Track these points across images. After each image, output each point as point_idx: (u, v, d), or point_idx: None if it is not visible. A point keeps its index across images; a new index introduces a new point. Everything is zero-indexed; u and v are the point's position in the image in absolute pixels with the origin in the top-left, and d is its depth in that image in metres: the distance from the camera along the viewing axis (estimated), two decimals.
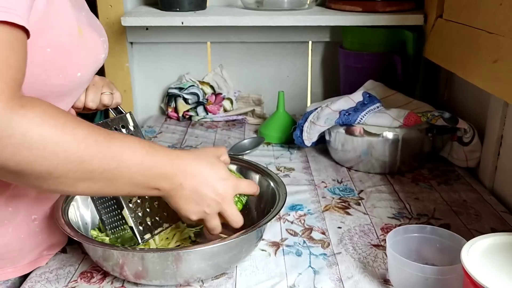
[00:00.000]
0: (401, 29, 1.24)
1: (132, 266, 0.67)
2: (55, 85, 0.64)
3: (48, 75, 0.63)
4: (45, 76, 0.63)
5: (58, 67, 0.64)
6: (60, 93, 0.67)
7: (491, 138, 1.00)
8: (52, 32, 0.62)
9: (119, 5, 1.37)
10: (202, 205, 0.66)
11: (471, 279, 0.55)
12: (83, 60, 0.67)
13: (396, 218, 0.89)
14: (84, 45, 0.67)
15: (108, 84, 0.82)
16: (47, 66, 0.63)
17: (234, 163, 0.91)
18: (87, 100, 0.77)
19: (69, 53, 0.65)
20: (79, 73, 0.67)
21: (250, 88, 1.51)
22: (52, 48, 0.62)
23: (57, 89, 0.65)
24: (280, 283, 0.71)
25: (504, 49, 0.79)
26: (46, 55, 0.62)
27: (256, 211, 0.86)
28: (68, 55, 0.65)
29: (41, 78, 0.62)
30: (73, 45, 0.65)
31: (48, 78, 0.63)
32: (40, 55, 0.61)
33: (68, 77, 0.66)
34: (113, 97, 0.80)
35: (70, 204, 0.76)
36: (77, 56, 0.66)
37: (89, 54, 0.69)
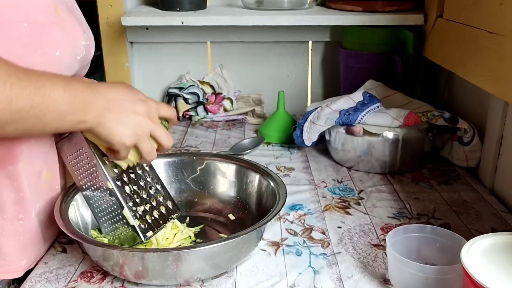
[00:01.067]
0: (401, 29, 1.24)
1: (132, 266, 0.67)
2: (33, 63, 0.63)
3: (25, 51, 0.63)
4: (22, 52, 0.63)
5: (36, 43, 0.64)
6: None
7: (491, 138, 1.00)
8: (27, 6, 0.63)
9: (119, 5, 1.37)
10: (132, 126, 0.67)
11: (471, 279, 0.55)
12: (60, 39, 0.67)
13: (396, 218, 0.89)
14: (61, 24, 0.68)
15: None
16: (24, 41, 0.63)
17: (234, 163, 0.91)
18: None
19: (46, 30, 0.65)
20: (57, 51, 0.67)
21: (250, 88, 1.51)
22: (29, 23, 0.63)
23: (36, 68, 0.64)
24: (280, 282, 0.71)
25: (504, 48, 0.79)
26: (22, 30, 0.62)
27: (256, 211, 0.86)
28: (44, 31, 0.65)
29: (18, 54, 0.62)
30: (49, 22, 0.66)
31: (26, 53, 0.63)
32: (17, 29, 0.61)
33: (46, 55, 0.65)
34: None
35: (70, 204, 0.76)
36: (54, 33, 0.66)
37: (66, 35, 0.69)
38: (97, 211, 0.76)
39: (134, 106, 0.68)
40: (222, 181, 0.91)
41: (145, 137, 0.69)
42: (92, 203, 0.76)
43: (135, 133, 0.68)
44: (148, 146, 0.70)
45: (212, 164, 0.92)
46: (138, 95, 0.70)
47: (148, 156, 0.71)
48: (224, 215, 0.89)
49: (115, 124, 0.66)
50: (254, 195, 0.87)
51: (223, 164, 0.92)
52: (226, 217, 0.88)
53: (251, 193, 0.88)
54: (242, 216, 0.87)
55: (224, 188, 0.91)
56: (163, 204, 0.79)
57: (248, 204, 0.88)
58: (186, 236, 0.81)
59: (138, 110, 0.68)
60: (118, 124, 0.66)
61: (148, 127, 0.69)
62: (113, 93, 0.67)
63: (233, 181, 0.91)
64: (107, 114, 0.65)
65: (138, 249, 0.70)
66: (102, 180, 0.73)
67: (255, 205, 0.87)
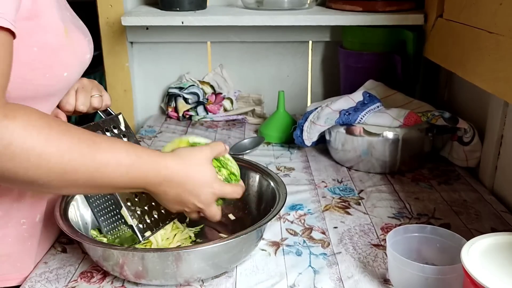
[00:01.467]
0: (401, 28, 1.24)
1: (132, 266, 0.67)
2: (42, 85, 0.64)
3: (35, 75, 0.63)
4: (31, 76, 0.63)
5: (45, 67, 0.64)
6: (47, 92, 0.67)
7: (491, 138, 1.00)
8: (39, 31, 0.62)
9: (119, 4, 1.37)
10: (183, 207, 0.69)
11: (471, 279, 0.55)
12: (69, 60, 0.67)
13: (396, 217, 0.89)
14: (70, 45, 0.67)
15: (97, 86, 0.81)
16: (34, 66, 0.62)
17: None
18: (78, 103, 0.76)
19: (56, 53, 0.65)
20: (65, 73, 0.67)
21: (250, 87, 1.51)
22: (39, 48, 0.62)
23: (43, 89, 0.65)
24: (280, 282, 0.71)
25: (504, 48, 0.79)
26: (32, 55, 0.62)
27: (256, 211, 0.86)
28: (54, 54, 0.65)
29: (27, 78, 0.62)
30: (59, 45, 0.65)
31: (35, 77, 0.63)
32: (27, 55, 0.61)
33: (55, 77, 0.66)
34: (103, 99, 0.80)
35: (70, 204, 0.76)
36: (63, 56, 0.66)
37: (75, 54, 0.69)
38: (96, 210, 0.76)
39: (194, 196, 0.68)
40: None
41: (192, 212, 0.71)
42: (92, 202, 0.76)
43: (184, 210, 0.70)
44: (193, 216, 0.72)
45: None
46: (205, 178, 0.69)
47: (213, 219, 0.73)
48: (224, 215, 0.88)
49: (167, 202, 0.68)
50: (254, 195, 0.87)
51: None
52: (226, 217, 0.88)
53: (251, 193, 0.88)
54: (242, 216, 0.87)
55: None
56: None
57: (248, 204, 0.87)
58: (186, 236, 0.81)
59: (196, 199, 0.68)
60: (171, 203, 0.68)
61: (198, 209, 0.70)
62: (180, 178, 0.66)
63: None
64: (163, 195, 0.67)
65: (138, 249, 0.70)
66: None
67: (255, 205, 0.86)
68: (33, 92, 0.64)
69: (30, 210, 0.73)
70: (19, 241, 0.72)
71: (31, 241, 0.74)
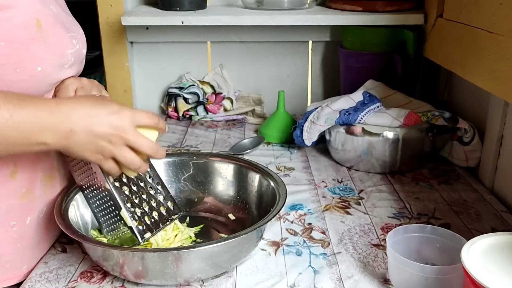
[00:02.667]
0: (401, 28, 1.24)
1: (132, 265, 0.67)
2: (13, 81, 0.62)
3: (4, 70, 0.62)
4: (1, 71, 0.61)
5: (14, 61, 0.62)
6: (21, 89, 0.64)
7: (491, 138, 1.00)
8: (4, 25, 0.61)
9: (119, 4, 1.37)
10: (101, 144, 0.64)
11: (471, 279, 0.55)
12: (42, 54, 0.65)
13: (396, 217, 0.89)
14: (43, 38, 0.65)
15: (97, 86, 0.80)
16: (2, 61, 0.61)
17: (234, 163, 0.91)
18: None
19: (25, 47, 0.63)
20: (39, 67, 0.65)
21: (250, 87, 1.51)
22: (6, 42, 0.61)
23: (16, 85, 0.63)
24: (280, 282, 0.71)
25: (504, 48, 0.79)
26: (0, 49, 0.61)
27: (256, 211, 0.86)
28: (24, 48, 0.63)
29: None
30: (29, 39, 0.63)
31: (5, 73, 0.62)
32: None
33: (27, 72, 0.64)
34: None
35: (70, 204, 0.76)
36: (35, 49, 0.64)
37: (49, 48, 0.66)
38: (97, 211, 0.76)
39: (105, 122, 0.63)
40: (222, 181, 0.91)
41: (119, 150, 0.65)
42: (92, 203, 0.76)
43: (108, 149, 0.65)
44: (127, 156, 0.66)
45: (212, 164, 0.92)
46: (109, 107, 0.65)
47: (131, 167, 0.67)
48: (224, 215, 0.89)
49: (82, 147, 0.63)
50: (254, 195, 0.87)
51: (223, 164, 0.92)
52: (226, 217, 0.88)
53: (251, 193, 0.88)
54: (242, 216, 0.87)
55: (224, 188, 0.91)
56: (163, 205, 0.79)
57: (248, 204, 0.88)
58: (186, 237, 0.81)
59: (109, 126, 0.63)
60: (87, 145, 0.63)
61: (121, 140, 0.65)
62: (79, 110, 0.63)
63: (233, 181, 0.91)
64: (71, 136, 0.62)
65: (138, 249, 0.70)
66: (101, 181, 0.73)
67: (255, 205, 0.87)
68: (6, 88, 0.61)
69: (20, 213, 0.72)
70: (9, 242, 0.72)
71: (21, 242, 0.73)
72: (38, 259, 0.77)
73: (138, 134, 0.66)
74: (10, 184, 0.70)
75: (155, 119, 0.69)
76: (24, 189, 0.72)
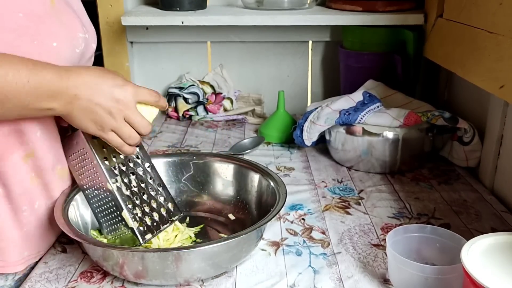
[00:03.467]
0: (401, 28, 1.24)
1: (132, 265, 0.67)
2: (30, 53, 0.63)
3: (22, 41, 0.63)
4: (18, 42, 0.62)
5: (32, 33, 0.63)
6: None
7: (491, 138, 1.00)
8: None
9: (119, 4, 1.37)
10: (103, 114, 0.66)
11: (471, 279, 0.55)
12: (57, 30, 0.67)
13: (396, 217, 0.89)
14: (57, 15, 0.67)
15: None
16: (20, 31, 0.62)
17: (234, 163, 0.91)
18: None
19: (42, 20, 0.65)
20: (54, 42, 0.66)
21: (250, 87, 1.51)
22: (24, 14, 0.62)
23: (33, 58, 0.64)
24: (280, 282, 0.71)
25: (504, 48, 0.79)
26: (18, 20, 0.62)
27: (256, 211, 0.86)
28: (40, 21, 0.64)
29: (14, 44, 0.62)
30: (45, 13, 0.65)
31: (22, 44, 0.63)
32: (12, 20, 0.61)
33: (43, 45, 0.65)
34: None
35: (70, 204, 0.76)
36: (50, 24, 0.66)
37: (63, 26, 0.68)
38: (97, 211, 0.76)
39: (108, 93, 0.66)
40: (222, 181, 0.91)
41: (119, 123, 0.67)
42: (93, 203, 0.76)
43: (108, 120, 0.66)
44: (126, 131, 0.68)
45: (212, 164, 0.92)
46: (114, 80, 0.67)
47: (129, 141, 0.69)
48: (224, 215, 0.89)
49: (84, 113, 0.65)
50: (254, 195, 0.87)
51: (223, 164, 0.92)
52: (226, 217, 0.88)
53: (251, 193, 0.88)
54: (242, 216, 0.87)
55: (224, 188, 0.91)
56: (163, 206, 0.79)
57: (248, 204, 0.88)
58: (186, 237, 0.81)
59: (112, 97, 0.66)
60: (88, 113, 0.65)
61: (121, 113, 0.67)
62: (85, 78, 0.65)
63: (233, 181, 0.91)
64: (76, 102, 0.64)
65: (138, 249, 0.70)
66: (102, 181, 0.73)
67: (255, 205, 0.87)
68: None
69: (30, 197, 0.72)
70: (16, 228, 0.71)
71: (27, 227, 0.73)
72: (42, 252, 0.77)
73: (137, 112, 0.69)
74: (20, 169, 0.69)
75: (156, 96, 0.72)
76: (34, 173, 0.71)
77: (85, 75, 0.65)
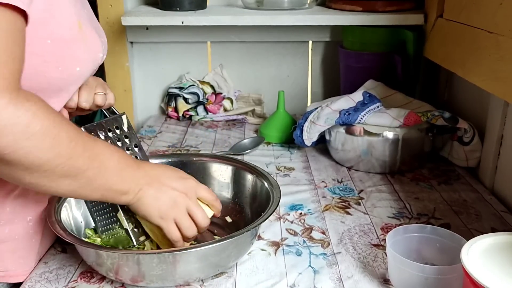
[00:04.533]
0: (401, 28, 1.24)
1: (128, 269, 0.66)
2: (54, 78, 0.64)
3: (47, 67, 0.63)
4: (44, 68, 0.63)
5: (58, 59, 0.64)
6: (58, 86, 0.67)
7: (491, 138, 1.00)
8: (53, 23, 0.62)
9: (119, 4, 1.37)
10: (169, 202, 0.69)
11: (471, 279, 0.55)
12: (82, 55, 0.68)
13: (396, 217, 0.89)
14: (83, 40, 0.67)
15: (102, 85, 0.81)
16: (46, 58, 0.63)
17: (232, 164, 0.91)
18: (80, 100, 0.75)
19: (69, 46, 0.65)
20: (78, 67, 0.67)
21: (250, 87, 1.51)
22: (53, 40, 0.63)
23: (55, 82, 0.66)
24: (280, 282, 0.71)
25: (504, 48, 0.79)
26: (46, 47, 0.62)
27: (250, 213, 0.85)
28: (67, 48, 0.65)
29: (40, 70, 0.62)
30: (72, 39, 0.65)
31: (47, 70, 0.63)
32: (40, 46, 0.61)
33: (67, 70, 0.66)
34: (106, 97, 0.79)
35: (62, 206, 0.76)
36: (76, 50, 0.66)
37: (87, 50, 0.69)
38: (93, 210, 0.76)
39: (173, 182, 0.70)
40: (220, 182, 0.91)
41: (182, 213, 0.70)
42: (89, 202, 0.76)
43: (172, 208, 0.69)
44: (186, 222, 0.70)
45: (210, 165, 0.91)
46: (179, 173, 0.72)
47: (187, 232, 0.70)
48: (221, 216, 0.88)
49: (153, 199, 0.68)
50: (249, 198, 0.87)
51: (221, 165, 0.91)
52: (223, 219, 0.87)
53: (246, 195, 0.87)
54: (239, 218, 0.86)
55: (222, 190, 0.90)
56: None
57: (244, 206, 0.87)
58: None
59: (177, 187, 0.70)
60: (156, 199, 0.68)
61: (184, 203, 0.70)
62: (155, 170, 0.70)
63: (230, 183, 0.90)
64: (147, 189, 0.67)
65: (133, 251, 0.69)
66: None
67: (250, 207, 0.86)
68: (46, 85, 0.64)
69: (35, 207, 0.73)
70: (25, 238, 0.73)
71: (35, 237, 0.74)
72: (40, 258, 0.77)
73: (198, 204, 0.72)
74: None
75: (214, 196, 0.75)
76: None
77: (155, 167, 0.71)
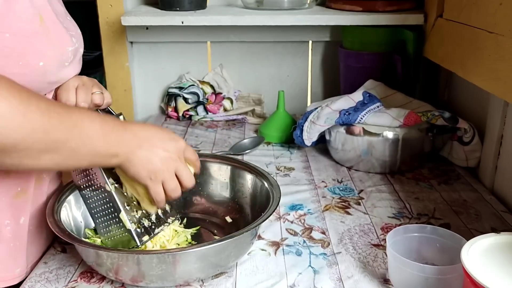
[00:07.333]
0: (401, 28, 1.24)
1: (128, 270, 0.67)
2: (15, 74, 0.62)
3: (7, 62, 0.62)
4: (4, 63, 0.62)
5: (18, 54, 0.63)
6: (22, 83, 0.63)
7: (491, 138, 1.00)
8: (11, 16, 0.62)
9: (119, 4, 1.37)
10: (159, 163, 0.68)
11: (471, 279, 0.55)
12: (44, 49, 0.67)
13: (396, 217, 0.89)
14: (46, 34, 0.67)
15: (97, 84, 0.81)
16: (5, 52, 0.62)
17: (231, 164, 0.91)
18: (79, 100, 0.75)
19: (29, 40, 0.64)
20: (41, 62, 0.66)
21: (250, 87, 1.51)
22: (11, 34, 0.62)
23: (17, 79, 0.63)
24: (280, 282, 0.71)
25: (504, 48, 0.79)
26: (4, 41, 0.62)
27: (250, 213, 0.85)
28: (28, 42, 0.64)
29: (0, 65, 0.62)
30: (33, 32, 0.65)
31: (7, 65, 0.62)
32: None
33: (29, 65, 0.65)
34: (104, 97, 0.79)
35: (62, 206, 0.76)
36: (38, 44, 0.66)
37: (51, 44, 0.68)
38: (94, 211, 0.75)
39: (164, 144, 0.69)
40: (220, 182, 0.91)
41: (170, 175, 0.70)
42: (90, 203, 0.76)
43: (162, 170, 0.69)
44: (173, 183, 0.70)
45: (209, 165, 0.91)
46: (169, 134, 0.72)
47: (172, 193, 0.71)
48: (221, 216, 0.88)
49: (144, 161, 0.67)
50: (249, 197, 0.87)
51: (221, 165, 0.91)
52: (222, 219, 0.88)
53: (246, 195, 0.87)
54: (239, 218, 0.86)
55: (221, 190, 0.90)
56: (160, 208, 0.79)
57: (243, 206, 0.87)
58: (183, 239, 0.80)
59: (168, 148, 0.69)
60: (147, 161, 0.67)
61: (174, 164, 0.70)
62: (145, 131, 0.69)
63: (230, 182, 0.90)
64: (137, 151, 0.67)
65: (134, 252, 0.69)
66: (101, 182, 0.73)
67: (250, 207, 0.86)
68: None
69: (13, 212, 0.72)
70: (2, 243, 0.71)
71: (14, 242, 0.73)
72: (32, 263, 0.77)
73: (186, 165, 0.72)
74: (5, 183, 0.70)
75: (197, 155, 0.76)
76: (20, 188, 0.72)
77: (144, 128, 0.70)
